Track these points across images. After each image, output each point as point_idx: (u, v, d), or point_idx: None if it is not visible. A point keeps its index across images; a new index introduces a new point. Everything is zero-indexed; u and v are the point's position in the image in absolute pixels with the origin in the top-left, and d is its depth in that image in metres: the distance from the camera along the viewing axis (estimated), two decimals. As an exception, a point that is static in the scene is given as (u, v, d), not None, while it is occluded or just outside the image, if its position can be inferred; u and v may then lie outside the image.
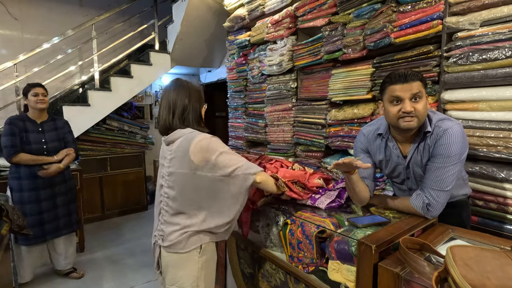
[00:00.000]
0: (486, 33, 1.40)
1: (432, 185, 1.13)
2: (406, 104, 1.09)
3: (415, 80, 1.09)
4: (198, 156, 1.13)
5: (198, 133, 1.20)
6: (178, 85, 1.25)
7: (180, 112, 1.22)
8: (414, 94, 1.09)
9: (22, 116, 2.18)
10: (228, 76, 3.34)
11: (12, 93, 3.13)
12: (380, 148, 1.31)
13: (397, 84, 1.11)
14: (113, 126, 3.84)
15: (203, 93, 1.39)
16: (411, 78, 1.09)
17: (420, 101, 1.10)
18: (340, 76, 2.12)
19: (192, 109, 1.24)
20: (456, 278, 0.68)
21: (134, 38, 3.85)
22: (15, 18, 3.60)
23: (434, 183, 1.12)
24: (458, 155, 1.10)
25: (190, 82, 1.30)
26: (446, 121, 1.15)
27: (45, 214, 2.20)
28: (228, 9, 3.21)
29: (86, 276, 2.48)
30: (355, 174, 1.21)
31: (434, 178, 1.12)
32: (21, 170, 2.12)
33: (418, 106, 1.10)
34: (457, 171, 1.13)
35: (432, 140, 1.15)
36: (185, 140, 1.17)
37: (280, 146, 2.70)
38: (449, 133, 1.10)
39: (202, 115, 1.29)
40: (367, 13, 1.89)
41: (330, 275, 1.10)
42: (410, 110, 1.09)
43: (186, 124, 1.23)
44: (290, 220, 1.27)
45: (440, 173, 1.11)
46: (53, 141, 2.22)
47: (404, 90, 1.10)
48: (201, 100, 1.28)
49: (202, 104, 1.29)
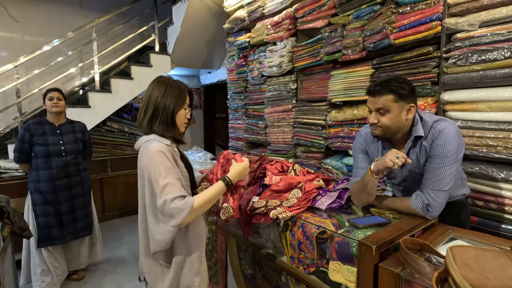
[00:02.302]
0: (485, 34, 1.41)
1: (430, 186, 1.14)
2: (371, 115, 1.20)
3: (382, 95, 1.14)
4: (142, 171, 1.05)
5: (152, 142, 1.06)
6: (158, 81, 1.13)
7: (151, 112, 1.09)
8: (378, 109, 1.16)
9: (41, 120, 2.26)
10: (228, 77, 3.35)
11: (13, 95, 3.13)
12: (377, 149, 1.32)
13: (368, 95, 1.20)
14: (113, 127, 3.84)
15: (187, 94, 1.15)
16: (378, 92, 1.15)
17: (386, 114, 1.15)
18: (339, 77, 2.13)
19: (163, 109, 1.08)
20: (457, 278, 0.69)
21: (134, 40, 3.86)
22: (16, 20, 3.60)
23: (433, 183, 1.13)
24: (454, 155, 1.11)
25: (176, 80, 1.15)
26: (441, 122, 1.16)
27: (64, 216, 2.25)
28: (228, 10, 3.23)
29: (86, 278, 2.48)
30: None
31: (432, 178, 1.14)
32: (40, 173, 2.17)
33: (382, 119, 1.17)
34: (455, 170, 1.13)
35: (428, 141, 1.16)
36: (141, 150, 1.08)
37: (280, 147, 2.71)
38: (445, 134, 1.12)
39: (175, 119, 1.11)
40: (366, 14, 1.90)
41: (331, 275, 1.10)
42: (373, 122, 1.19)
43: (153, 127, 1.10)
44: (291, 221, 1.28)
45: (438, 173, 1.13)
46: (70, 143, 2.28)
47: (370, 103, 1.20)
48: (178, 101, 1.11)
49: (179, 105, 1.11)
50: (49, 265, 2.21)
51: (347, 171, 2.09)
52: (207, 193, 1.06)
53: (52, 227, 2.19)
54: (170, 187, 0.99)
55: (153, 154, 1.02)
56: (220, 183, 1.09)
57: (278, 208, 1.27)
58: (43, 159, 2.17)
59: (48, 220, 2.18)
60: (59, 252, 2.28)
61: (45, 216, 2.18)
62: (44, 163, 2.17)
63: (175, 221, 0.97)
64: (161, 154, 1.02)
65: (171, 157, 1.06)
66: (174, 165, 1.05)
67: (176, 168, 1.06)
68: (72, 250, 2.39)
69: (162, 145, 1.06)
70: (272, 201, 1.34)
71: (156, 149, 1.03)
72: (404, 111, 1.15)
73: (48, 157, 2.18)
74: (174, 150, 1.12)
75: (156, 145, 1.04)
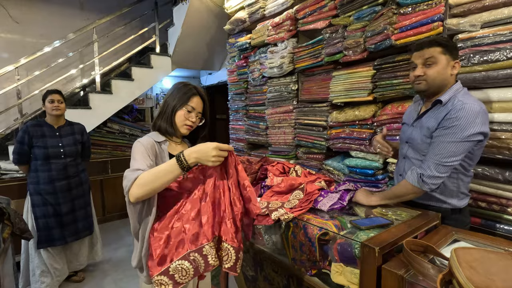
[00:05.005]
0: (487, 34, 1.41)
1: (430, 157, 1.16)
2: (416, 69, 1.21)
3: (431, 46, 1.17)
4: None
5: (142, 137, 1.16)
6: (176, 84, 1.24)
7: (159, 110, 1.22)
8: (426, 59, 1.18)
9: (41, 122, 2.26)
10: (229, 78, 3.35)
11: (14, 96, 3.14)
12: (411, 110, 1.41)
13: (414, 51, 1.23)
14: (114, 129, 3.84)
15: (192, 97, 1.19)
16: (426, 44, 1.18)
17: (432, 66, 1.18)
18: (341, 78, 2.12)
19: (166, 107, 1.19)
20: (461, 280, 0.68)
21: (135, 41, 3.87)
22: (17, 21, 3.61)
23: (433, 156, 1.15)
24: (463, 131, 1.09)
25: (190, 84, 1.22)
26: (470, 98, 1.16)
27: (64, 217, 2.25)
28: (228, 12, 3.23)
29: (86, 279, 2.47)
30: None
31: (433, 151, 1.16)
32: (39, 175, 2.17)
33: (428, 71, 1.18)
34: (460, 151, 1.12)
35: (445, 110, 1.17)
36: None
37: (281, 148, 2.70)
38: (464, 108, 1.11)
39: (174, 117, 1.18)
40: (367, 15, 1.90)
41: (333, 277, 1.09)
42: (419, 74, 1.20)
43: (156, 124, 1.21)
44: (293, 222, 1.27)
45: (442, 147, 1.13)
46: (69, 146, 2.29)
47: (416, 57, 1.21)
48: (180, 101, 1.17)
49: (179, 105, 1.17)
50: (49, 266, 2.21)
51: (348, 172, 2.08)
52: (155, 168, 1.00)
53: (52, 228, 2.19)
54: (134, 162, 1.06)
55: (134, 145, 1.12)
56: (172, 160, 0.99)
57: (279, 210, 1.27)
58: (42, 161, 2.16)
59: (48, 221, 2.18)
60: (59, 253, 2.28)
61: (45, 218, 2.18)
62: (43, 165, 2.17)
63: (125, 188, 0.99)
64: (138, 143, 1.11)
65: (150, 148, 1.11)
66: (150, 155, 1.09)
67: (150, 157, 1.09)
68: (72, 250, 2.39)
69: (148, 139, 1.13)
70: (274, 203, 1.34)
71: (138, 141, 1.12)
72: (450, 66, 1.18)
73: (48, 159, 2.18)
74: (161, 148, 1.15)
75: (141, 138, 1.14)
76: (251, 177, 1.66)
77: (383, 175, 1.91)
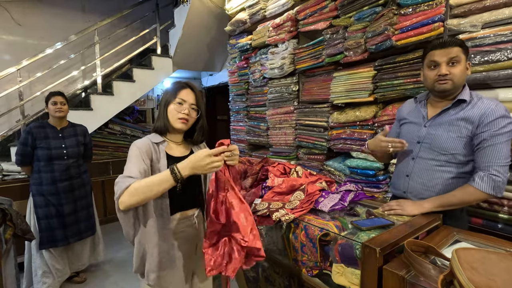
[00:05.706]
0: (488, 35, 1.41)
1: (497, 162, 1.11)
2: (442, 67, 1.17)
3: (453, 46, 1.15)
4: None
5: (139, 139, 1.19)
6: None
7: (157, 114, 1.25)
8: (451, 58, 1.15)
9: (43, 123, 2.27)
10: (230, 79, 3.35)
11: (16, 98, 3.15)
12: (410, 110, 1.38)
13: (436, 49, 1.18)
14: (115, 130, 3.85)
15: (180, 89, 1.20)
16: (450, 43, 1.16)
17: (456, 66, 1.16)
18: (341, 79, 2.12)
19: (160, 107, 1.22)
20: (463, 281, 0.68)
21: (136, 42, 3.88)
22: (19, 23, 3.63)
23: (498, 159, 1.11)
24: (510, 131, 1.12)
25: (181, 81, 1.25)
26: (489, 99, 1.18)
27: (66, 218, 2.26)
28: (229, 13, 3.24)
29: (88, 280, 2.47)
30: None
31: (493, 154, 1.11)
32: (42, 176, 2.18)
33: (454, 70, 1.16)
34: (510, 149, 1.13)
35: (475, 110, 1.16)
36: None
37: (282, 149, 2.70)
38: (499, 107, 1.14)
39: (166, 113, 1.18)
40: (368, 16, 1.90)
41: (334, 278, 1.09)
42: (445, 73, 1.16)
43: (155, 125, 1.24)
44: (294, 223, 1.27)
45: (499, 148, 1.11)
46: (72, 147, 2.30)
47: (441, 55, 1.17)
48: (171, 96, 1.18)
49: (170, 100, 1.18)
50: (50, 266, 2.22)
51: (349, 173, 2.08)
52: (149, 179, 1.00)
53: (55, 229, 2.20)
54: (128, 166, 1.06)
55: (130, 148, 1.12)
56: (166, 171, 0.99)
57: (280, 210, 1.27)
58: (45, 162, 2.17)
59: (50, 222, 2.19)
60: (60, 253, 2.28)
61: (47, 218, 2.19)
62: (46, 166, 2.18)
63: (116, 193, 0.99)
64: (134, 146, 1.12)
65: (145, 151, 1.11)
66: (144, 158, 1.09)
67: (145, 161, 1.09)
68: (74, 251, 2.39)
69: (144, 141, 1.14)
70: (275, 203, 1.34)
71: (134, 143, 1.13)
72: (466, 66, 1.18)
73: (50, 161, 2.19)
74: (158, 149, 1.15)
75: (137, 141, 1.14)
76: (252, 178, 1.67)
77: (384, 176, 1.91)
